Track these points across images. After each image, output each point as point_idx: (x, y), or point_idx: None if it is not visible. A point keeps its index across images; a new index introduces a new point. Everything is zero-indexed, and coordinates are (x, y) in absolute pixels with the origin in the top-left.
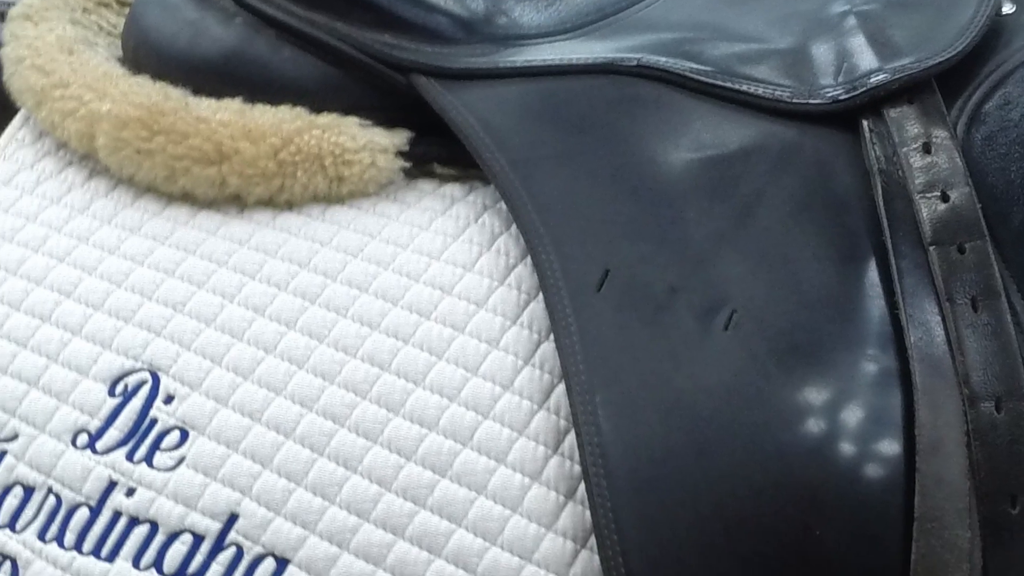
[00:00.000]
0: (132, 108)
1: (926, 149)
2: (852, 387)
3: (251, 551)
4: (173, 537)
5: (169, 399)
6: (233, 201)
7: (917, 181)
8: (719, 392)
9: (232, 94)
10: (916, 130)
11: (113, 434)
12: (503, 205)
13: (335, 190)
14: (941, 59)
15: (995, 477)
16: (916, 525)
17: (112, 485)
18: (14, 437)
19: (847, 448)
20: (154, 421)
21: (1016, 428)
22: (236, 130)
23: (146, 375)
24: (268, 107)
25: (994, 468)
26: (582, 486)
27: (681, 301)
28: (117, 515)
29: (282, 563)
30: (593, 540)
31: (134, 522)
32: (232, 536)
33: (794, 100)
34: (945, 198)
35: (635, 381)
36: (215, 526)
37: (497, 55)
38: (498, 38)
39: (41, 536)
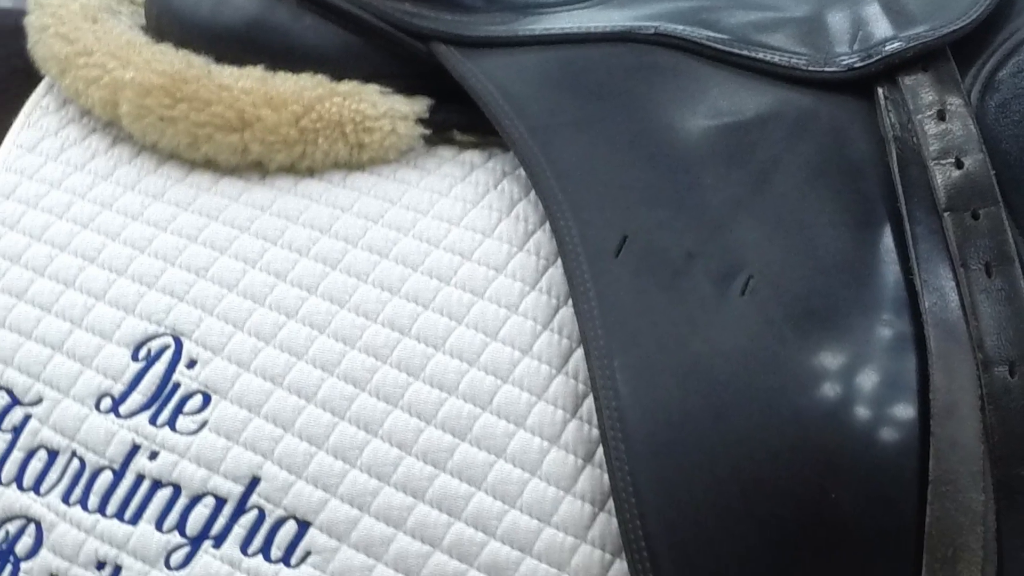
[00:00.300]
0: (155, 76)
1: (940, 116)
2: (867, 351)
3: (273, 514)
4: (196, 500)
5: (192, 363)
6: (255, 168)
7: (931, 148)
8: (736, 356)
9: (254, 62)
10: (931, 97)
11: (136, 398)
12: (522, 172)
13: (356, 157)
14: (955, 27)
15: (1009, 441)
16: (931, 488)
17: (135, 448)
18: (38, 401)
19: (862, 412)
20: (177, 385)
21: None
22: (258, 97)
23: (169, 340)
24: (289, 75)
25: (1008, 432)
26: (600, 449)
27: (698, 266)
28: (140, 478)
29: (303, 525)
30: (611, 503)
31: (157, 485)
32: (254, 499)
33: (810, 68)
34: (959, 165)
35: (653, 345)
36: (237, 489)
37: (516, 23)
38: (517, 6)
39: (65, 499)
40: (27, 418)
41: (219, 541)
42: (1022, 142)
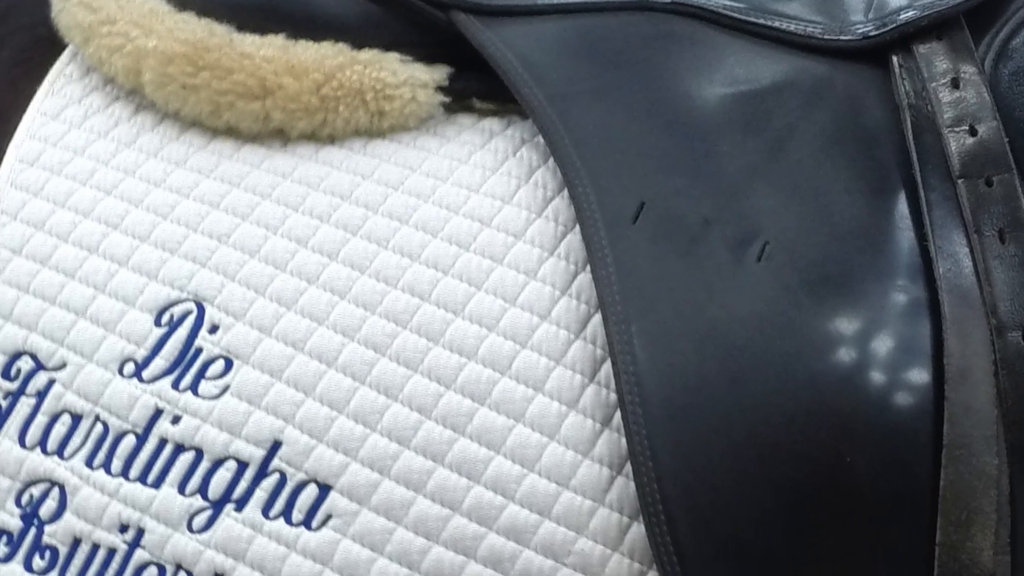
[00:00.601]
0: (178, 44)
1: (954, 84)
2: (882, 317)
3: (294, 477)
4: (218, 464)
5: (214, 329)
6: (277, 135)
7: (946, 116)
8: (752, 322)
9: (275, 30)
10: (945, 66)
11: (159, 363)
12: (541, 139)
13: (376, 124)
14: None
15: (1022, 405)
16: (945, 452)
17: (158, 413)
18: (62, 366)
19: (877, 376)
20: (199, 350)
21: None
22: (279, 66)
23: (191, 305)
24: (311, 43)
25: (1021, 396)
26: (618, 414)
27: (715, 233)
28: (163, 442)
29: (324, 489)
30: (629, 466)
31: (180, 449)
32: (275, 463)
33: (825, 36)
34: (973, 132)
35: (670, 311)
36: (259, 453)
37: None
38: None
39: (88, 463)
40: (51, 383)
41: (241, 504)
42: None
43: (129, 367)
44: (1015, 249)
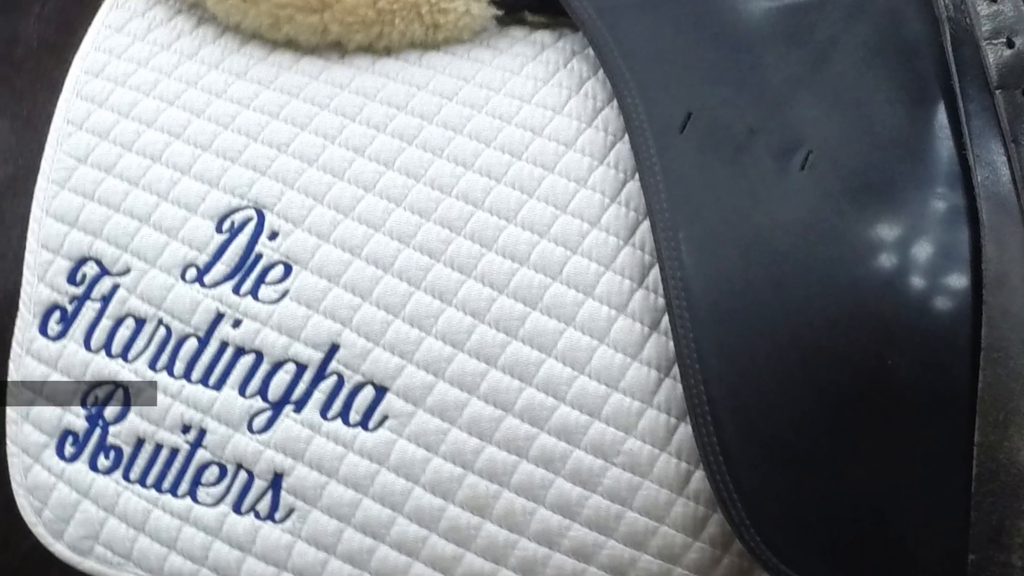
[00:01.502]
0: None
1: None
2: (922, 224)
3: (351, 379)
4: (277, 366)
5: (273, 235)
6: (334, 47)
7: (984, 28)
8: (796, 228)
9: None
10: None
11: (220, 268)
12: (591, 51)
13: (431, 37)
14: None
15: None
16: (983, 355)
17: (219, 317)
18: (126, 271)
19: (918, 281)
20: (259, 256)
21: None
22: None
23: (252, 212)
24: None
25: None
26: (666, 318)
27: (759, 142)
28: (224, 345)
29: (381, 391)
30: (676, 369)
31: (240, 352)
32: (333, 365)
33: None
34: (1010, 44)
35: (716, 218)
36: (317, 356)
37: None
38: None
39: (152, 365)
40: (115, 288)
41: (300, 406)
42: None
43: (191, 272)
44: None
